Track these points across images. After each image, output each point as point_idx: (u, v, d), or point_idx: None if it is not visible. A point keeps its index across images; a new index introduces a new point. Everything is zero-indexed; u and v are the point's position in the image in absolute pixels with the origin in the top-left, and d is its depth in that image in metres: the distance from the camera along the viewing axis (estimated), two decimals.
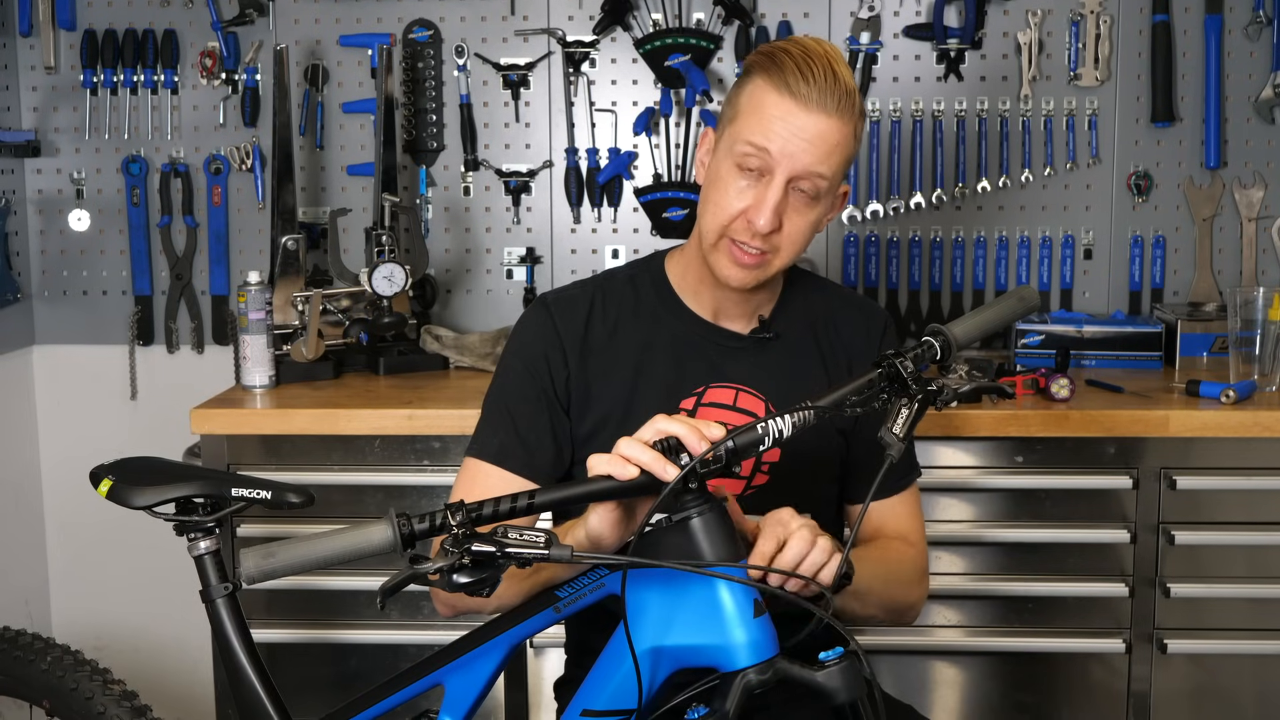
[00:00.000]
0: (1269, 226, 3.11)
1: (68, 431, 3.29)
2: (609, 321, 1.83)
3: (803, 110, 1.65)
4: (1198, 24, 3.07)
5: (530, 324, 1.84)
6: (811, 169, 1.67)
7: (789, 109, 1.66)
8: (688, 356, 1.81)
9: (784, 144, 1.66)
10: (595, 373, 1.80)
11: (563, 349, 1.80)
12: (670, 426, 1.42)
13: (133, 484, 1.86)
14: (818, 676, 1.41)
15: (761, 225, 1.68)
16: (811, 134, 1.65)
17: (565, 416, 1.80)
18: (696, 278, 1.82)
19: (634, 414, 1.76)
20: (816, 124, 1.65)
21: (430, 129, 3.18)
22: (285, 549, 1.35)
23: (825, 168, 1.67)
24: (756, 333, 1.84)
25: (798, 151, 1.66)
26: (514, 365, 1.82)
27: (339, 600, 2.65)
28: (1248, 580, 2.60)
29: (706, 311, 1.83)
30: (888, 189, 3.14)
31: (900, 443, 1.48)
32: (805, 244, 1.75)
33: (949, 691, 2.68)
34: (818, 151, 1.66)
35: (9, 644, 2.13)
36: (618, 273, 1.90)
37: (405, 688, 1.69)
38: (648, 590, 1.48)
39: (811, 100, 1.65)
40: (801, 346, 1.85)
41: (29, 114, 3.21)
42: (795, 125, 1.66)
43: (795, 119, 1.65)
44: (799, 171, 1.67)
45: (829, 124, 1.66)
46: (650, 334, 1.83)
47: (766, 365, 1.83)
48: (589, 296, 1.84)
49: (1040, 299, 1.78)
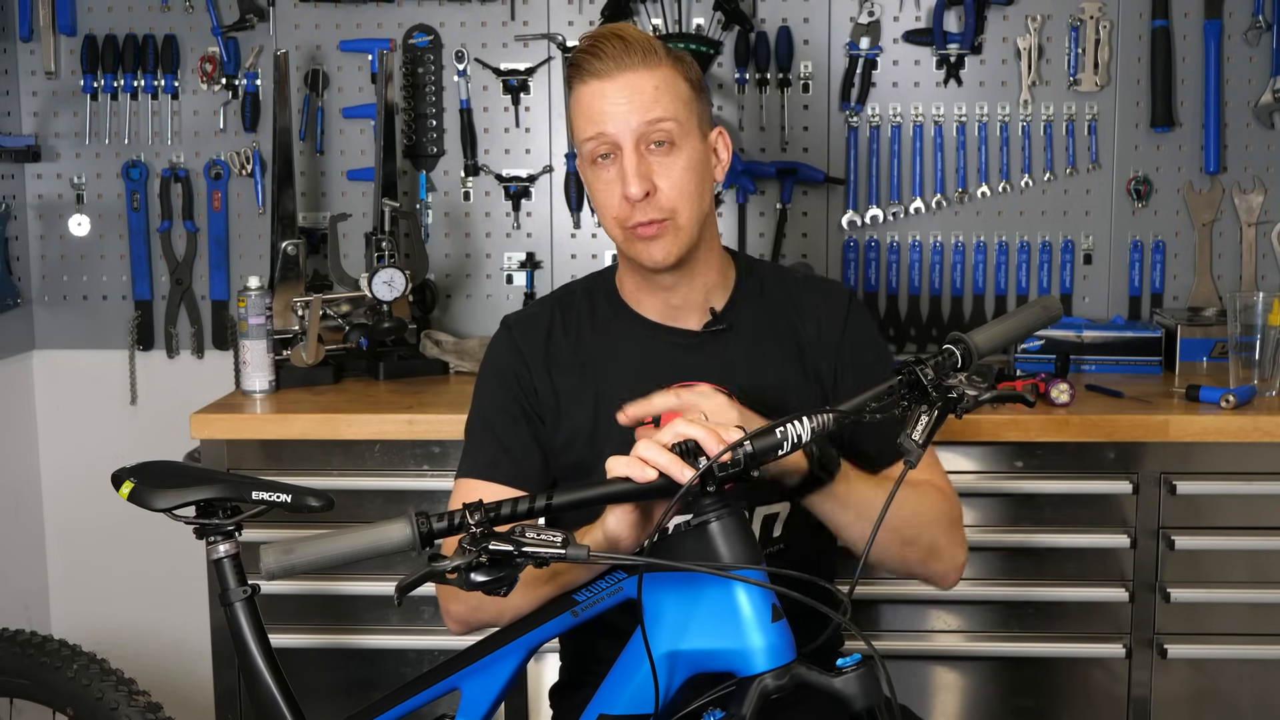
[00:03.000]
0: (1269, 231, 3.12)
1: (68, 436, 3.29)
2: (570, 336, 1.85)
3: (609, 81, 1.70)
4: (1197, 29, 3.07)
5: (497, 345, 1.88)
6: (646, 119, 1.69)
7: (596, 89, 1.70)
8: (650, 361, 1.82)
9: (610, 116, 1.69)
10: (562, 387, 1.82)
11: (528, 365, 1.83)
12: (689, 429, 1.43)
13: (154, 486, 1.87)
14: (835, 683, 1.41)
15: (633, 192, 1.69)
16: (627, 93, 1.69)
17: (543, 426, 1.82)
18: (634, 285, 1.85)
19: (603, 425, 1.77)
20: (626, 83, 1.69)
21: (430, 134, 3.18)
22: (305, 545, 1.36)
23: (658, 110, 1.69)
24: (709, 325, 1.83)
25: (624, 113, 1.69)
26: (489, 384, 1.86)
27: (351, 605, 2.66)
28: (1248, 585, 2.59)
29: (657, 314, 1.84)
30: (888, 194, 3.14)
31: (919, 449, 1.47)
32: (697, 192, 1.74)
33: (949, 696, 2.68)
34: (639, 102, 1.69)
35: (36, 650, 2.13)
36: (575, 286, 1.93)
37: (422, 692, 1.70)
38: (665, 594, 1.48)
39: (611, 69, 1.69)
40: (762, 334, 1.85)
41: (29, 119, 3.22)
42: (608, 96, 1.70)
43: (606, 92, 1.70)
44: (638, 129, 1.69)
45: (637, 76, 1.69)
46: (609, 345, 1.84)
47: (727, 357, 1.82)
48: (548, 313, 1.87)
49: (1063, 308, 1.77)
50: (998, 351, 1.67)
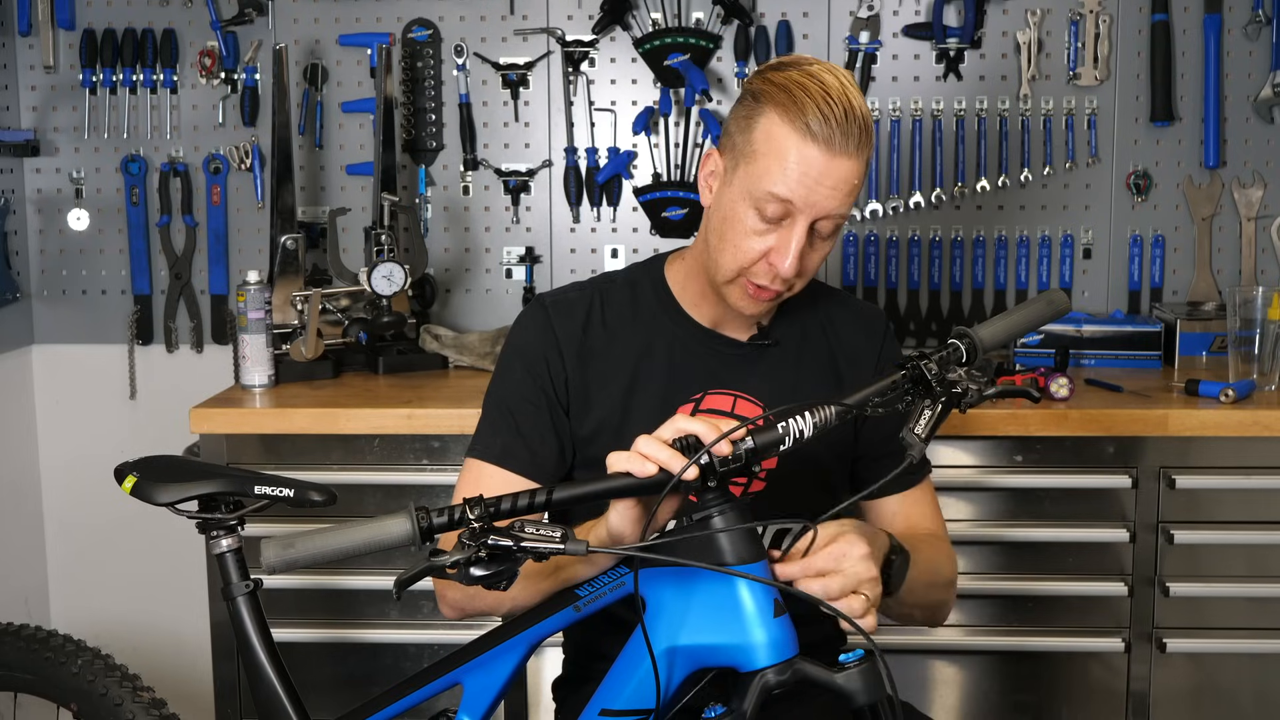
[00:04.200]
0: (1268, 226, 3.12)
1: (67, 431, 3.29)
2: (608, 326, 1.81)
3: (826, 156, 1.60)
4: (1197, 23, 3.07)
5: (528, 325, 1.82)
6: (834, 212, 1.64)
7: (812, 156, 1.60)
8: (686, 363, 1.80)
9: (808, 194, 1.62)
10: (593, 377, 1.79)
11: (560, 352, 1.79)
12: (690, 425, 1.42)
13: (157, 481, 1.86)
14: (837, 678, 1.41)
15: (787, 270, 1.65)
16: (835, 179, 1.61)
17: (565, 417, 1.79)
18: (698, 292, 1.80)
19: (631, 419, 1.76)
20: (839, 168, 1.61)
21: (429, 128, 3.18)
22: (305, 540, 1.36)
23: (846, 208, 1.65)
24: (755, 340, 1.82)
25: (822, 200, 1.62)
26: (514, 365, 1.81)
27: (353, 599, 2.66)
28: (1247, 579, 2.60)
29: (706, 320, 1.82)
30: (887, 189, 3.14)
31: (922, 443, 1.47)
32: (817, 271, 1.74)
33: (948, 690, 2.68)
34: (841, 195, 1.63)
35: (40, 645, 2.13)
36: (617, 276, 1.88)
37: (424, 686, 1.69)
38: (666, 589, 1.48)
39: (834, 143, 1.59)
40: (801, 353, 1.84)
41: (28, 113, 3.21)
42: (819, 172, 1.60)
43: (818, 166, 1.60)
44: (821, 214, 1.64)
45: (850, 166, 1.62)
46: (649, 340, 1.81)
47: (765, 372, 1.81)
48: (587, 300, 1.82)
49: (1069, 302, 1.76)
50: (1002, 346, 1.67)
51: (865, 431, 1.85)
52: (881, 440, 1.82)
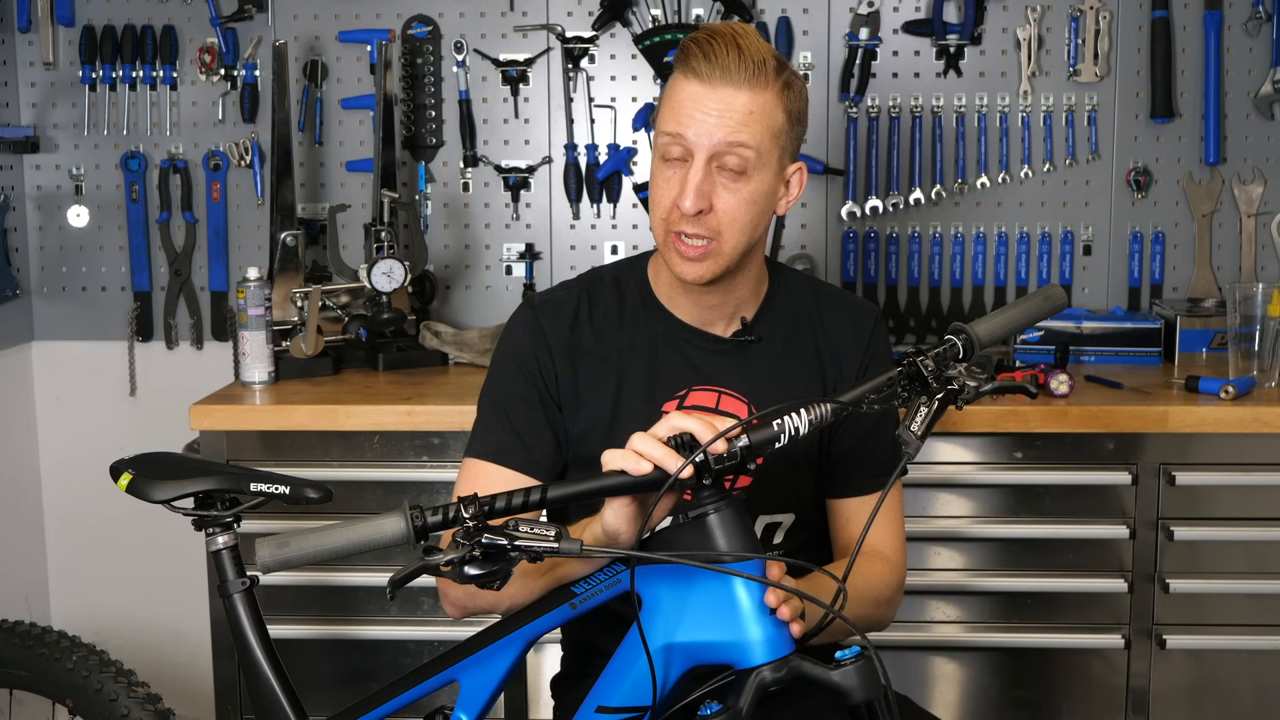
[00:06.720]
0: (1268, 222, 3.11)
1: (67, 428, 3.29)
2: (595, 325, 1.82)
3: (708, 88, 1.65)
4: (1197, 20, 3.07)
5: (518, 325, 1.84)
6: (728, 139, 1.65)
7: (695, 90, 1.66)
8: (669, 359, 1.81)
9: (695, 124, 1.65)
10: (583, 375, 1.80)
11: (550, 351, 1.80)
12: (685, 422, 1.42)
13: (152, 478, 1.87)
14: (833, 675, 1.41)
15: (686, 205, 1.66)
16: (719, 107, 1.65)
17: (559, 413, 1.80)
18: (668, 283, 1.82)
19: (620, 417, 1.77)
20: (723, 96, 1.65)
21: (429, 125, 3.18)
22: (300, 539, 1.36)
23: (743, 135, 1.65)
24: (738, 335, 1.82)
25: (708, 127, 1.65)
26: (506, 364, 1.82)
27: (350, 596, 2.66)
28: (1246, 576, 2.60)
29: (687, 315, 1.82)
30: (887, 185, 3.14)
31: (919, 440, 1.47)
32: (751, 225, 1.71)
33: (948, 687, 2.68)
34: (729, 122, 1.65)
35: (35, 641, 2.13)
36: (604, 273, 1.89)
37: (420, 684, 1.69)
38: (662, 586, 1.48)
39: (715, 76, 1.65)
40: (787, 348, 1.84)
41: (28, 110, 3.21)
42: (702, 103, 1.65)
43: (702, 98, 1.65)
44: (716, 146, 1.66)
45: (736, 94, 1.65)
46: (633, 337, 1.82)
47: (749, 368, 1.81)
48: (575, 299, 1.84)
49: (1067, 298, 1.76)
50: (1000, 342, 1.67)
51: (840, 439, 1.84)
52: (852, 448, 1.82)
